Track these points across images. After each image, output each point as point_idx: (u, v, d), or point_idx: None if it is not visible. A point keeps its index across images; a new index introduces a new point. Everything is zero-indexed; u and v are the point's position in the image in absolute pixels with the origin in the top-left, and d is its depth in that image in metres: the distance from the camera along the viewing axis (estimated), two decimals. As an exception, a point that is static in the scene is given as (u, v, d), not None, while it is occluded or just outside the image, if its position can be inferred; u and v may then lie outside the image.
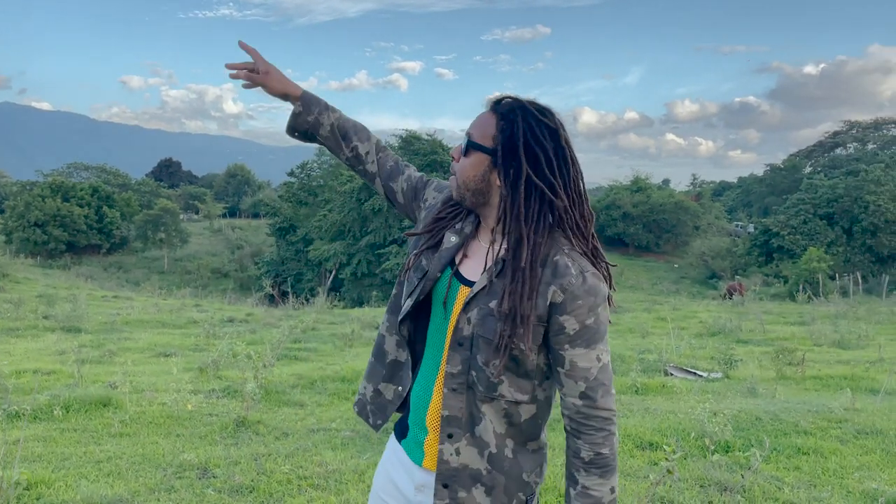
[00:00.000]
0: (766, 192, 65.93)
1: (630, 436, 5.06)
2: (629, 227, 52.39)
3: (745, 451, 4.33)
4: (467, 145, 1.55)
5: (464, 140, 1.57)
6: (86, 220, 48.67)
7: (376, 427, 1.74)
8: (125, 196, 55.49)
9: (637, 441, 4.97)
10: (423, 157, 36.02)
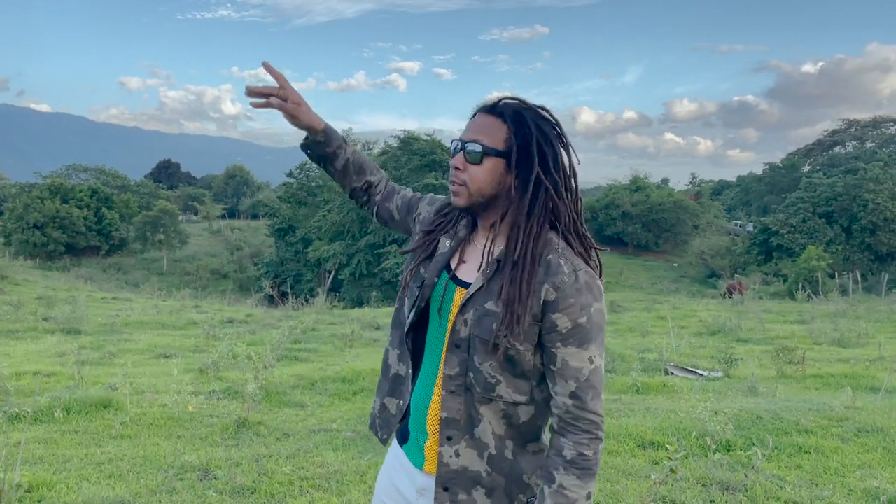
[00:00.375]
0: (765, 191, 65.95)
1: (631, 435, 5.05)
2: (628, 226, 52.39)
3: (747, 450, 4.33)
4: (482, 153, 1.52)
5: (471, 148, 1.53)
6: (85, 221, 48.65)
7: (383, 441, 1.76)
8: (124, 197, 55.45)
9: (638, 440, 4.96)
10: (421, 157, 35.98)
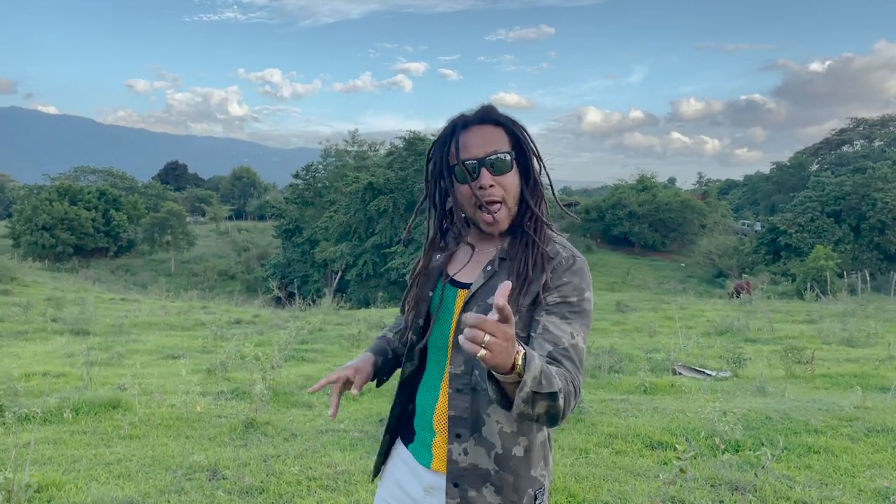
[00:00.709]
0: (772, 190, 65.64)
1: (639, 435, 5.04)
2: (635, 226, 52.22)
3: (756, 451, 4.31)
4: (512, 159, 1.58)
5: (500, 159, 1.56)
6: (93, 223, 48.85)
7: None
8: (132, 199, 55.61)
9: (646, 441, 4.95)
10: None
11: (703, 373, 8.43)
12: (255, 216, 77.52)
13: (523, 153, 1.61)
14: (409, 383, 1.73)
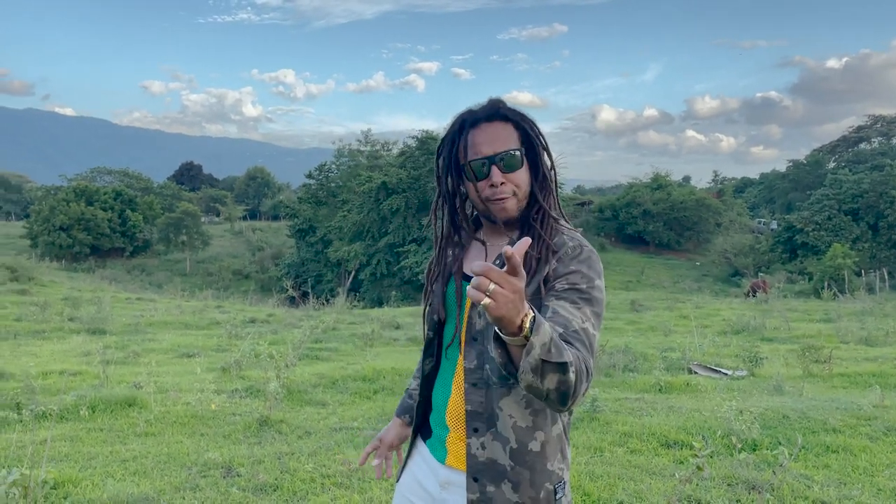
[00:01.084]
0: (789, 188, 65.05)
1: (655, 434, 5.00)
2: (649, 224, 51.93)
3: (773, 450, 4.27)
4: (522, 156, 1.57)
5: (510, 155, 1.55)
6: (109, 223, 49.24)
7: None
8: (147, 199, 56.01)
9: (662, 440, 4.91)
10: (440, 157, 35.78)
11: (719, 372, 8.36)
12: (269, 216, 77.89)
13: (533, 148, 1.61)
14: (428, 380, 1.74)
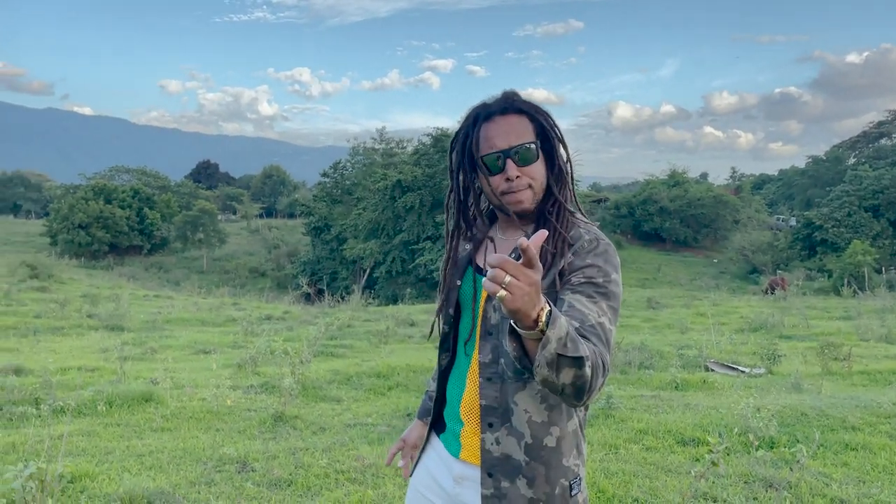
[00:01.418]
0: (808, 185, 64.35)
1: (670, 431, 4.96)
2: (666, 221, 51.57)
3: (791, 447, 4.21)
4: (537, 149, 1.56)
5: (526, 148, 1.54)
6: (127, 221, 49.72)
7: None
8: (165, 198, 56.48)
9: (677, 437, 4.87)
10: (455, 154, 35.75)
11: (737, 369, 8.29)
12: (285, 214, 78.26)
13: (548, 140, 1.59)
14: (443, 374, 1.72)
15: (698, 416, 5.40)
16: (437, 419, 1.75)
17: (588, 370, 1.22)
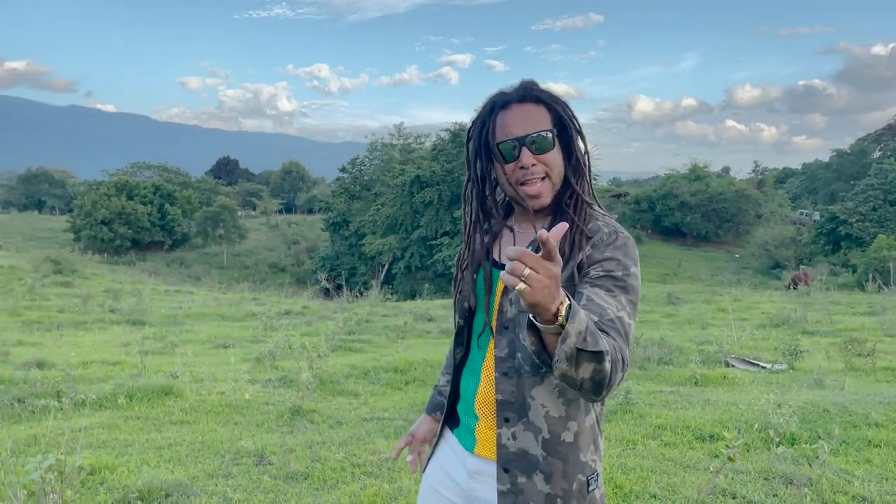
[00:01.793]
0: (832, 179, 63.43)
1: (689, 427, 4.91)
2: (687, 216, 51.12)
3: (812, 444, 4.15)
4: (553, 137, 1.53)
5: (542, 137, 1.51)
6: (149, 217, 50.29)
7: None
8: (186, 194, 57.00)
9: (696, 433, 4.82)
10: (473, 149, 35.68)
11: (758, 365, 8.19)
12: (304, 210, 78.67)
13: (565, 130, 1.56)
14: (457, 368, 1.71)
15: (718, 411, 5.35)
16: (450, 414, 1.73)
17: (608, 365, 1.20)
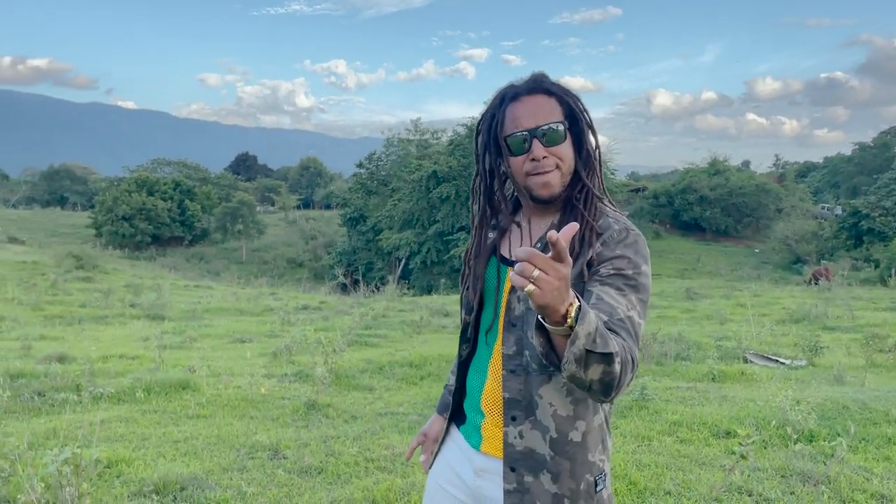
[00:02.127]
0: (854, 172, 62.54)
1: (706, 423, 4.87)
2: (706, 210, 50.63)
3: (831, 441, 4.10)
4: (565, 129, 1.51)
5: (553, 129, 1.49)
6: (169, 213, 50.76)
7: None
8: (205, 190, 57.42)
9: (713, 429, 4.77)
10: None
11: (777, 361, 8.10)
12: (321, 205, 79.00)
13: (576, 123, 1.54)
14: (464, 365, 1.69)
15: (735, 408, 5.29)
16: (456, 410, 1.72)
17: (617, 366, 1.19)
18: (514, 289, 1.52)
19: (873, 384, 6.42)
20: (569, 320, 1.12)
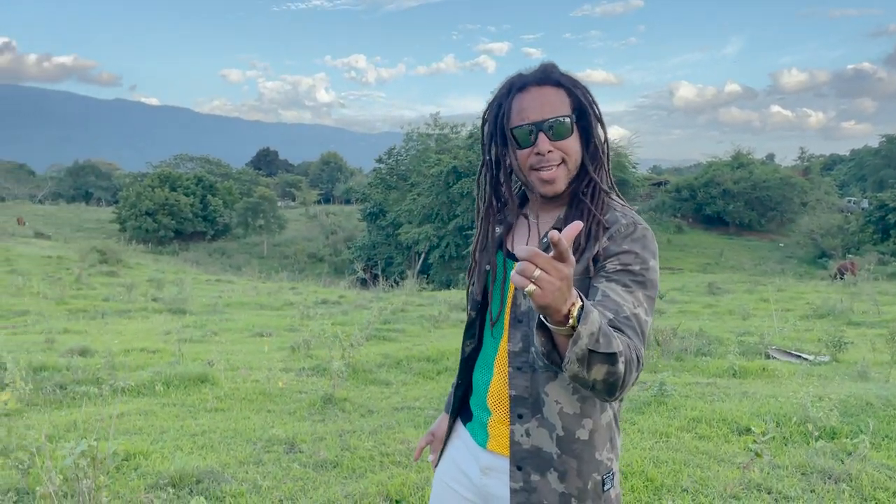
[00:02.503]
0: (881, 165, 61.41)
1: (725, 420, 4.81)
2: (729, 204, 49.97)
3: (854, 438, 4.02)
4: (572, 122, 1.47)
5: (560, 122, 1.45)
6: (191, 208, 51.25)
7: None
8: (227, 185, 57.88)
9: (733, 426, 4.71)
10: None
11: (800, 357, 7.98)
12: (342, 200, 79.29)
13: (584, 116, 1.50)
14: (469, 361, 1.67)
15: (756, 404, 5.22)
16: (462, 407, 1.70)
17: (621, 366, 1.16)
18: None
19: (899, 381, 6.30)
20: (571, 320, 1.10)
